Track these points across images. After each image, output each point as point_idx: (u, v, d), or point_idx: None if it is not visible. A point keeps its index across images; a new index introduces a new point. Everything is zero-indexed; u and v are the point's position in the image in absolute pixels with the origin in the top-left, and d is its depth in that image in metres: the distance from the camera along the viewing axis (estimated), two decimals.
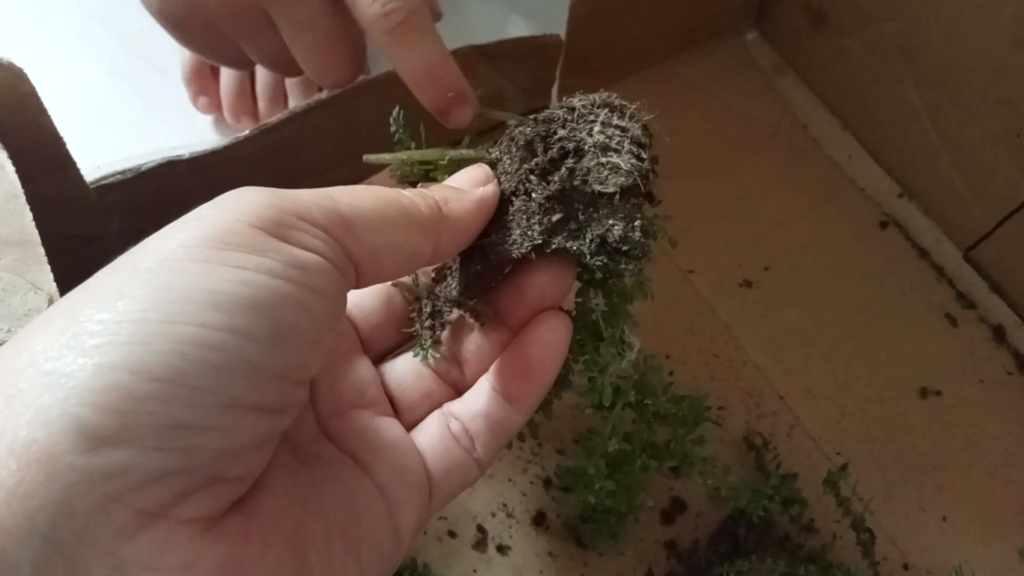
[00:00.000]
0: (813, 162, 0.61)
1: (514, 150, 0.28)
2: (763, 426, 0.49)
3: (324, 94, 0.44)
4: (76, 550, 0.17)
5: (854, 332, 0.54)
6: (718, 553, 0.43)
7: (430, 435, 0.28)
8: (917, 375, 0.52)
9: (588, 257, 0.27)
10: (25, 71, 0.35)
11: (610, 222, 0.27)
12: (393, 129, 0.34)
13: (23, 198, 0.33)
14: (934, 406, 0.51)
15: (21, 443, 0.16)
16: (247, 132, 0.43)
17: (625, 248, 0.27)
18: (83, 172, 0.40)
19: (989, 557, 0.46)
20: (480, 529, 0.43)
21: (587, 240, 0.27)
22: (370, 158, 0.33)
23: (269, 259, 0.19)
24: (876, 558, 0.44)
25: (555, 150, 0.27)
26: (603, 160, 0.26)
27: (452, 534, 0.43)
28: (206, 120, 0.57)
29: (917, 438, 0.50)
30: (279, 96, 0.55)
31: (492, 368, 0.29)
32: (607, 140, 0.27)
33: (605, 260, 0.27)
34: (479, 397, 0.28)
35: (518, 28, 0.65)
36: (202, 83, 0.56)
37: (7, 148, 0.34)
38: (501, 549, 0.43)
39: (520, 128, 0.29)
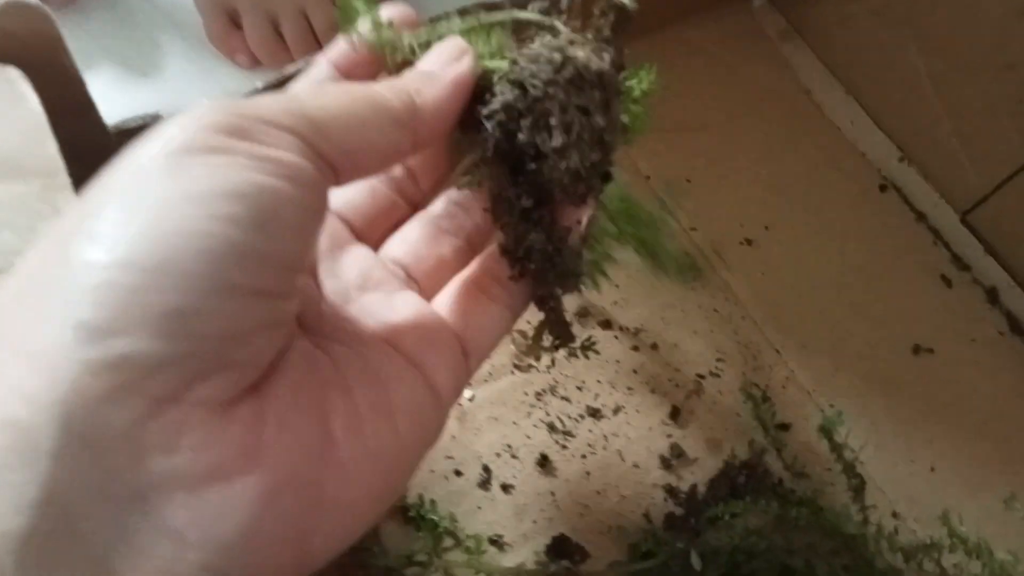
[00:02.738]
0: (816, 126, 0.62)
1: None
2: (759, 378, 0.51)
3: None
4: (94, 438, 0.17)
5: (850, 291, 0.55)
6: (716, 497, 0.45)
7: (450, 293, 0.28)
8: (911, 333, 0.54)
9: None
10: (50, 13, 0.36)
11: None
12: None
13: (48, 128, 0.33)
14: (926, 363, 0.53)
15: (31, 345, 0.18)
16: (265, 81, 0.44)
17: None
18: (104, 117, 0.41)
19: (975, 505, 0.48)
20: (485, 469, 0.45)
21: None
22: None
23: (237, 156, 0.19)
24: (865, 503, 0.45)
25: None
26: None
27: (458, 473, 0.45)
28: (227, 73, 0.58)
29: (908, 393, 0.52)
30: (312, 45, 0.57)
31: None
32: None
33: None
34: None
35: None
36: (232, 43, 0.57)
37: None
38: (505, 488, 0.45)
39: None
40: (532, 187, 0.27)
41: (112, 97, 0.50)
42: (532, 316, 0.29)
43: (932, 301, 0.55)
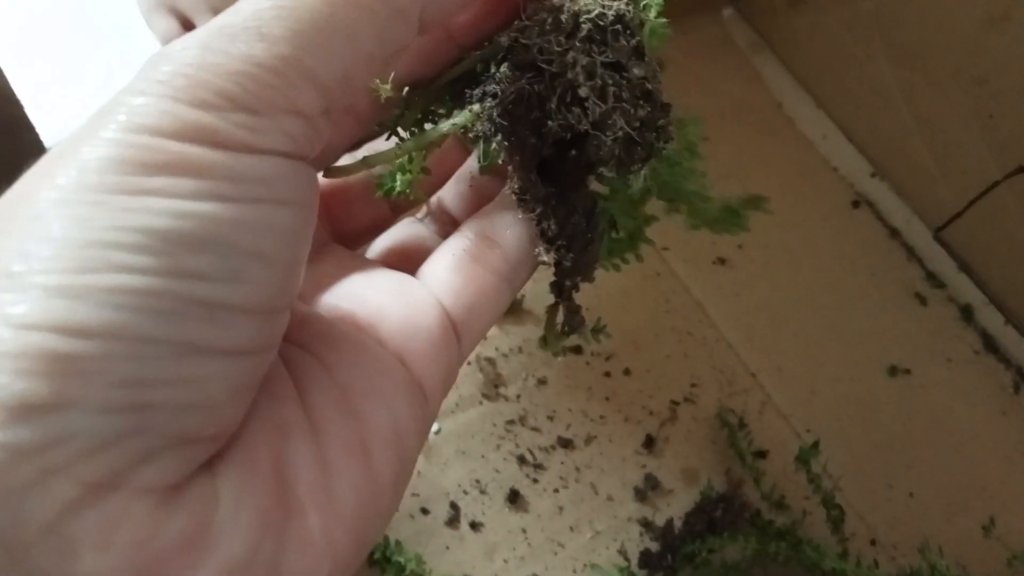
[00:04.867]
0: (787, 140, 0.61)
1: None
2: (735, 403, 0.49)
3: None
4: (10, 532, 0.15)
5: (825, 311, 0.54)
6: (692, 532, 0.43)
7: (437, 263, 0.22)
8: (886, 354, 0.53)
9: None
10: None
11: None
12: None
13: None
14: (903, 384, 0.52)
15: None
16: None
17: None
18: (41, 136, 0.39)
19: (954, 531, 0.47)
20: (453, 506, 0.43)
21: None
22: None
23: (206, 180, 0.16)
24: (845, 534, 0.44)
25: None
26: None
27: (424, 511, 0.42)
28: None
29: (885, 416, 0.51)
30: None
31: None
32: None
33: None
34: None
35: None
36: None
37: None
38: (474, 526, 0.43)
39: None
40: (576, 171, 0.23)
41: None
42: (500, 343, 0.27)
43: (907, 320, 0.54)
